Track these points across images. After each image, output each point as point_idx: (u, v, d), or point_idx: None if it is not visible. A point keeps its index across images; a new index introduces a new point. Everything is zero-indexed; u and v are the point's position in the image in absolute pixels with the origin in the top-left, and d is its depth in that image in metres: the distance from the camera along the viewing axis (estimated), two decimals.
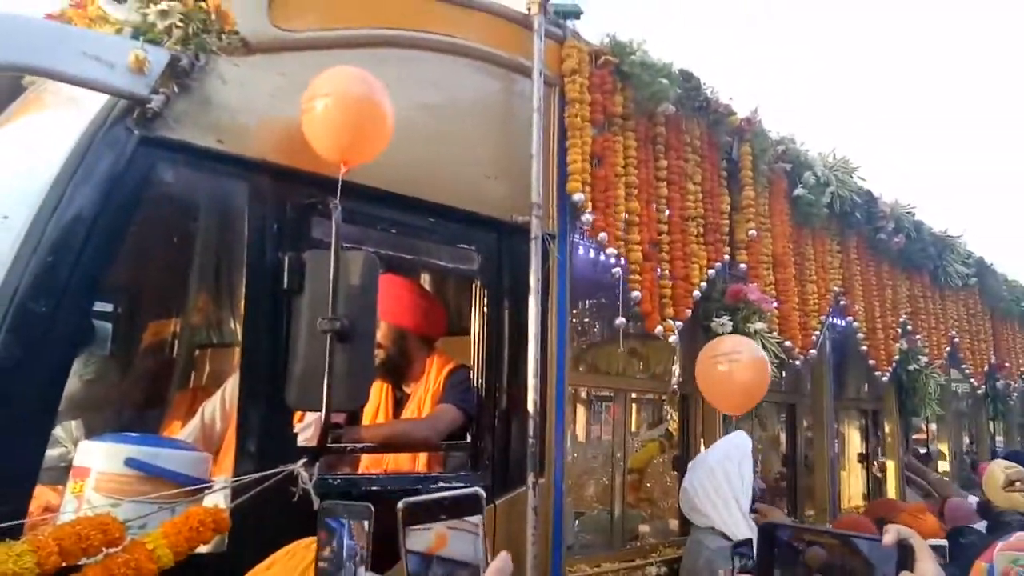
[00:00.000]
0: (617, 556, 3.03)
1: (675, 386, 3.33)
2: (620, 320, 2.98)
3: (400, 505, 0.80)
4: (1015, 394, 6.73)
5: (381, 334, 2.55)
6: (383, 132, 1.98)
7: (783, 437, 4.88)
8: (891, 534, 0.93)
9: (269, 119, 2.04)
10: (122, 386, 2.92)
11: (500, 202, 2.51)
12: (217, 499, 1.86)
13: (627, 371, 3.99)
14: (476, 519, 0.82)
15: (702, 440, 3.41)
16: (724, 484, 2.90)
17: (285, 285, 1.94)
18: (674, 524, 3.63)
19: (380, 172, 2.16)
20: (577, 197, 2.69)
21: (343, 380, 1.83)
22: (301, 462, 1.88)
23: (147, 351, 2.99)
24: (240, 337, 1.97)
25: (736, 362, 2.85)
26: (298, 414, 2.23)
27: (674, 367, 3.30)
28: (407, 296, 2.62)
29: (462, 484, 2.33)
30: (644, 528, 3.86)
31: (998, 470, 4.25)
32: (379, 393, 2.63)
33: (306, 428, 2.14)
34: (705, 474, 3.00)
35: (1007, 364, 6.48)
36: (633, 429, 4.92)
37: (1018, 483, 4.13)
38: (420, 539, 0.80)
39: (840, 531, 1.04)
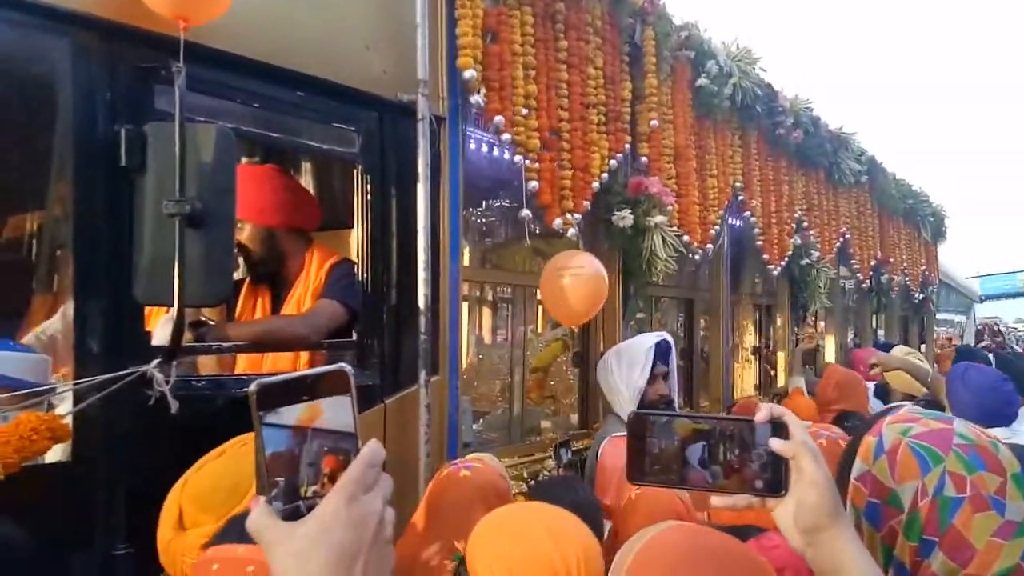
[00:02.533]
0: (517, 451, 3.01)
1: None
2: (524, 212, 2.84)
3: (252, 387, 0.65)
4: (897, 289, 7.14)
5: (247, 236, 2.32)
6: None
7: (681, 332, 4.97)
8: (763, 412, 0.91)
9: None
10: None
11: (382, 77, 2.26)
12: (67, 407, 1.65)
13: (533, 270, 3.90)
14: (345, 399, 0.70)
15: (602, 337, 3.38)
16: (623, 370, 2.92)
17: (123, 162, 1.68)
18: (575, 419, 3.65)
19: (237, 35, 1.88)
20: (468, 74, 2.47)
21: (198, 271, 1.61)
22: (155, 362, 1.67)
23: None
24: (72, 224, 1.70)
25: (578, 276, 2.78)
26: (157, 311, 2.01)
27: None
28: (268, 189, 2.37)
29: None
30: (546, 424, 3.89)
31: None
32: (255, 294, 2.41)
33: (166, 325, 1.91)
34: (600, 364, 3.04)
35: (891, 260, 6.82)
36: (539, 330, 4.90)
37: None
38: (287, 415, 0.66)
39: (713, 415, 1.00)
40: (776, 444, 0.88)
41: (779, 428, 0.90)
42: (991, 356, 5.50)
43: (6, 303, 2.52)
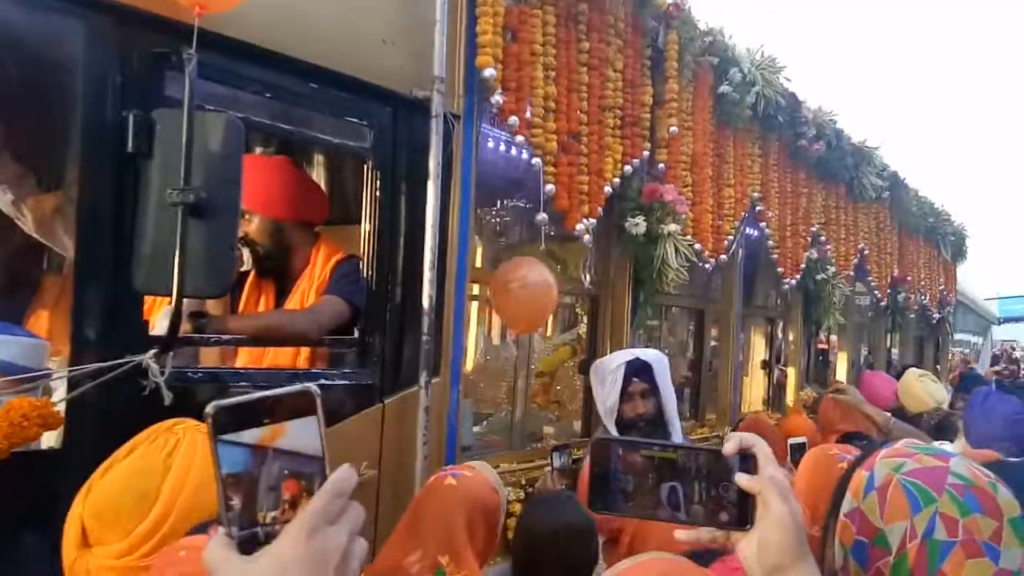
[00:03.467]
0: (516, 456, 2.97)
1: (589, 286, 3.23)
2: (541, 216, 2.80)
3: (209, 409, 0.62)
4: (914, 307, 7.03)
5: (254, 228, 2.29)
6: None
7: (691, 342, 4.92)
8: (732, 443, 0.85)
9: None
10: None
11: (398, 72, 2.23)
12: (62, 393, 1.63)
13: None
14: (311, 420, 0.66)
15: (609, 344, 3.33)
16: (596, 386, 2.91)
17: (130, 148, 1.65)
18: (578, 426, 3.61)
19: (251, 24, 1.86)
20: (488, 72, 2.43)
21: (199, 261, 1.59)
22: (151, 352, 1.65)
23: (12, 231, 2.61)
24: (75, 208, 1.68)
25: (525, 287, 2.70)
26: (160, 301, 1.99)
27: (587, 267, 3.19)
28: (278, 181, 2.34)
29: (347, 381, 2.17)
30: (549, 429, 3.85)
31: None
32: (259, 287, 2.39)
33: (166, 315, 1.89)
34: (591, 374, 3.02)
35: (909, 278, 6.71)
36: (548, 332, 4.87)
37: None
38: (247, 435, 0.62)
39: (679, 443, 0.95)
40: (742, 480, 0.84)
41: (748, 460, 0.85)
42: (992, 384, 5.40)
43: (13, 285, 2.52)
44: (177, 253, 1.56)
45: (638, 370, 2.83)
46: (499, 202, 4.49)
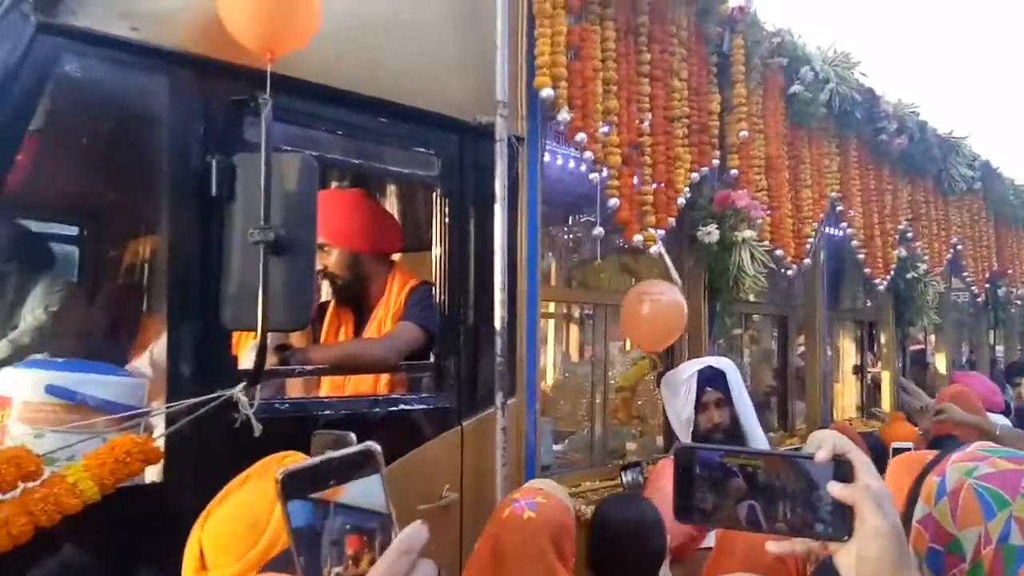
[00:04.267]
0: (597, 474, 2.94)
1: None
2: (598, 230, 2.81)
3: (278, 476, 0.65)
4: (1017, 302, 6.61)
5: (333, 261, 2.37)
6: (309, 11, 1.74)
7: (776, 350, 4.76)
8: (826, 448, 0.81)
9: (190, 3, 1.79)
10: (90, 313, 2.75)
11: (462, 100, 2.27)
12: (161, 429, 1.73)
13: (620, 287, 3.84)
14: (375, 478, 0.68)
15: (687, 355, 3.27)
16: (669, 399, 2.88)
17: (214, 192, 1.74)
18: (660, 441, 3.55)
19: (320, 65, 1.93)
20: (546, 93, 2.44)
21: (280, 296, 1.66)
22: (240, 386, 1.73)
23: (115, 274, 2.80)
24: (167, 252, 1.78)
25: (657, 302, 2.73)
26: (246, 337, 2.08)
27: (673, 277, 3.14)
28: (356, 214, 2.41)
29: (425, 405, 2.20)
30: (631, 446, 3.80)
31: None
32: (339, 317, 2.47)
33: (252, 351, 1.98)
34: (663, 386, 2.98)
35: (1010, 271, 6.33)
36: (627, 348, 4.82)
37: None
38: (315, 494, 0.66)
39: (768, 450, 0.91)
40: (835, 489, 0.80)
41: (843, 466, 0.81)
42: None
43: (116, 326, 2.69)
44: (260, 290, 1.63)
45: (711, 379, 2.78)
46: (570, 218, 4.50)
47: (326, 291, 2.42)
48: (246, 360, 1.84)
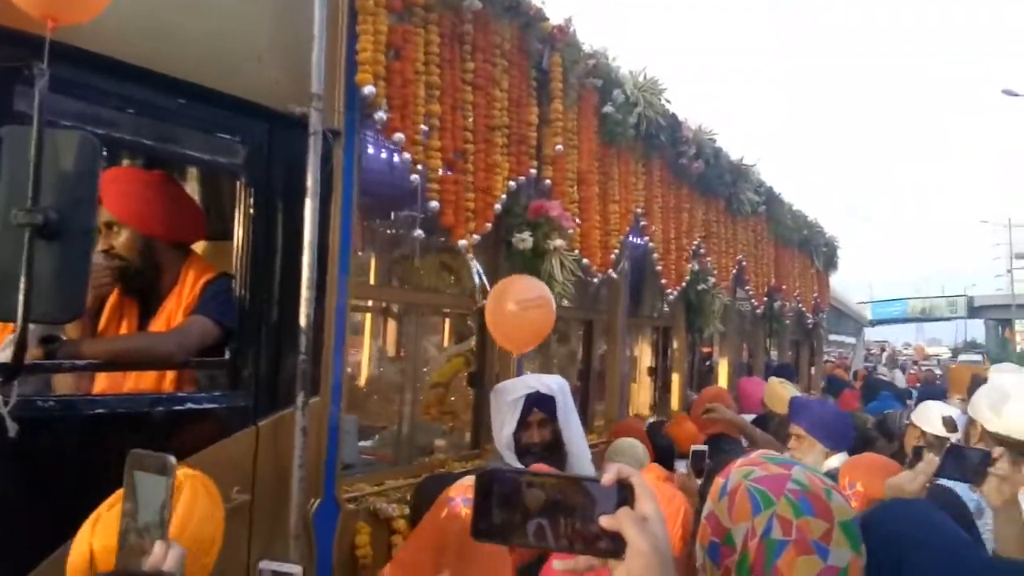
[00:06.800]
0: (402, 472, 2.96)
1: (480, 304, 3.25)
2: (417, 233, 2.84)
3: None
4: (790, 314, 7.49)
5: (123, 243, 2.19)
6: None
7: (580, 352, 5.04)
8: (611, 474, 0.89)
9: None
10: None
11: (273, 88, 2.19)
12: None
13: (438, 285, 3.88)
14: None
15: (498, 356, 3.39)
16: (494, 411, 2.86)
17: None
18: (468, 438, 3.64)
19: (116, 39, 1.80)
20: (367, 90, 2.42)
21: (48, 285, 1.51)
22: None
23: None
24: None
25: (526, 309, 2.84)
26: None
27: (476, 282, 3.22)
28: (155, 197, 2.24)
29: (216, 404, 2.11)
30: (440, 442, 3.86)
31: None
32: (122, 307, 2.28)
33: (10, 344, 1.78)
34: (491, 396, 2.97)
35: (784, 287, 7.15)
36: (446, 344, 4.88)
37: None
38: None
39: (560, 473, 1.00)
40: (603, 519, 0.87)
41: (624, 490, 0.88)
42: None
43: None
44: (23, 276, 1.48)
45: (538, 401, 2.74)
46: (392, 213, 4.47)
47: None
48: (2, 354, 1.65)
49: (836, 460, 3.15)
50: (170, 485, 1.19)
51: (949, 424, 3.41)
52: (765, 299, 6.64)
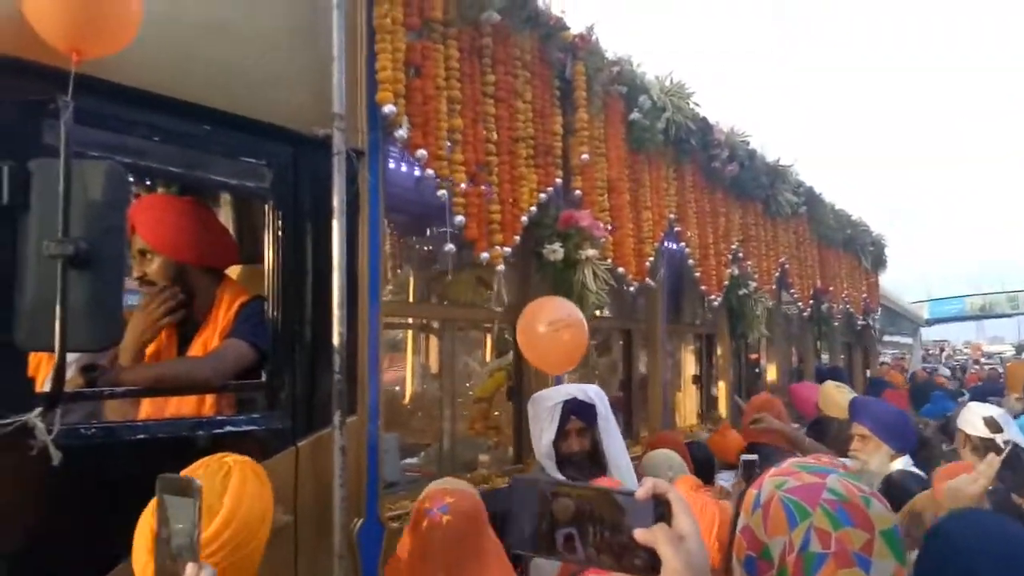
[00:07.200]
0: None
1: (498, 309, 3.23)
2: (449, 247, 2.83)
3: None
4: (838, 316, 7.28)
5: (157, 270, 2.24)
6: (127, 14, 1.65)
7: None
8: (646, 488, 0.86)
9: None
10: None
11: (297, 112, 2.22)
12: None
13: (474, 300, 3.87)
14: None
15: (535, 369, 3.35)
16: (533, 419, 2.86)
17: (5, 201, 1.60)
18: (512, 452, 3.60)
19: (141, 69, 1.84)
20: (387, 109, 2.44)
21: (82, 314, 1.54)
22: (36, 411, 1.59)
23: None
24: None
25: (558, 330, 2.80)
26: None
27: (501, 294, 3.20)
28: (188, 224, 2.29)
29: (256, 426, 2.12)
30: (484, 457, 3.83)
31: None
32: (161, 333, 2.32)
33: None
34: (529, 405, 2.96)
35: (831, 288, 6.96)
36: (488, 358, 4.87)
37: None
38: None
39: (594, 486, 0.95)
40: (638, 533, 0.84)
41: (661, 505, 0.85)
42: None
43: None
44: (58, 306, 1.51)
45: (576, 409, 2.75)
46: (427, 230, 4.50)
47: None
48: (45, 384, 1.69)
49: (900, 463, 3.02)
50: (198, 507, 1.20)
51: (992, 424, 3.25)
52: (811, 301, 6.47)
